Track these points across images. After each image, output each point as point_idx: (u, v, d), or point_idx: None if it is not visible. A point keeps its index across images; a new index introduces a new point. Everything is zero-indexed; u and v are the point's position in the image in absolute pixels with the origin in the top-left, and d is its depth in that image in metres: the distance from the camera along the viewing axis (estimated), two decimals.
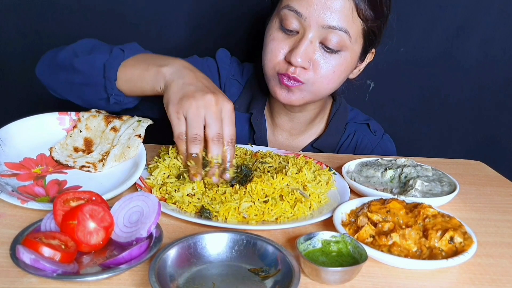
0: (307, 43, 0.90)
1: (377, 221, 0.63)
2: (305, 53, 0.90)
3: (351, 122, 1.17)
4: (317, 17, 0.88)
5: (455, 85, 1.47)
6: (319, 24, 0.89)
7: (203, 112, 0.74)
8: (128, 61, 0.88)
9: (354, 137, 1.15)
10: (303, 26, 0.91)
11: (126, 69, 0.87)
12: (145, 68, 0.85)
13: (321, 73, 0.93)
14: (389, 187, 0.80)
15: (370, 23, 0.92)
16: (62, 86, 0.95)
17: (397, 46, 1.41)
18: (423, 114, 1.52)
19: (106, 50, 0.90)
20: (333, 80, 0.96)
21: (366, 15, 0.91)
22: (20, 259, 0.50)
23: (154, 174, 0.77)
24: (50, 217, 0.57)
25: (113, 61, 0.88)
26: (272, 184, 0.70)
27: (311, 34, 0.90)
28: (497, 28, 1.39)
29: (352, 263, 0.56)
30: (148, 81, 0.84)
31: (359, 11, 0.89)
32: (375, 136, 1.16)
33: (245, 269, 0.54)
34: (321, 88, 0.97)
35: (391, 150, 1.18)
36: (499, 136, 1.55)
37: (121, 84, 0.88)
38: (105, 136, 0.85)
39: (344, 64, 0.94)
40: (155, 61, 0.85)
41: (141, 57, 0.89)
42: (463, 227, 0.62)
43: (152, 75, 0.83)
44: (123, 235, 0.57)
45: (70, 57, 0.91)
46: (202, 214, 0.67)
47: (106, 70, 0.88)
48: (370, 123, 1.17)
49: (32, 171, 0.77)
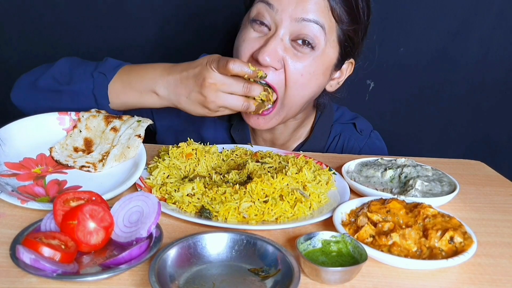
0: (277, 41, 0.85)
1: (377, 221, 0.63)
2: (274, 51, 0.85)
3: (336, 123, 1.13)
4: (290, 10, 0.84)
5: (455, 85, 1.47)
6: (292, 17, 0.85)
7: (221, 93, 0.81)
8: (115, 84, 0.91)
9: (340, 138, 1.11)
10: (275, 20, 0.86)
11: (116, 93, 0.91)
12: (139, 94, 0.89)
13: (290, 74, 0.88)
14: (389, 187, 0.80)
15: (345, 26, 0.89)
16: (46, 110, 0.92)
17: (397, 46, 1.41)
18: (423, 114, 1.52)
19: (87, 76, 0.92)
20: (303, 85, 0.90)
21: (341, 17, 0.87)
22: (20, 259, 0.50)
23: (154, 174, 0.77)
24: (50, 217, 0.57)
25: (100, 88, 0.90)
26: (272, 184, 0.70)
27: (283, 30, 0.86)
28: (497, 28, 1.39)
29: (352, 263, 0.56)
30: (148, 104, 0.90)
31: (333, 12, 0.86)
32: (361, 136, 1.11)
33: (245, 269, 0.54)
34: (292, 96, 0.91)
35: (380, 148, 1.13)
36: (499, 136, 1.55)
37: (115, 106, 0.92)
38: (105, 136, 0.85)
39: (314, 66, 0.89)
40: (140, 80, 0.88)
41: (123, 75, 0.91)
42: (463, 227, 0.62)
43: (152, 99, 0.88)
44: (123, 235, 0.57)
45: (52, 84, 0.93)
46: (202, 214, 0.67)
47: (96, 98, 0.91)
48: (356, 122, 1.12)
49: (32, 171, 0.77)
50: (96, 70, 0.91)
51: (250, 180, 0.72)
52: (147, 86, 0.87)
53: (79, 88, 0.91)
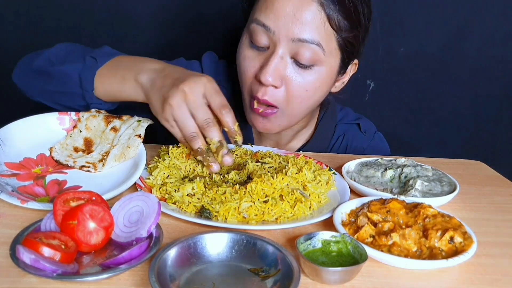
0: (277, 60, 0.85)
1: (377, 221, 0.63)
2: (275, 70, 0.85)
3: (340, 123, 1.13)
4: (286, 31, 0.83)
5: (455, 85, 1.47)
6: (288, 37, 0.84)
7: (184, 107, 0.72)
8: (103, 70, 0.87)
9: (344, 138, 1.11)
10: (273, 41, 0.85)
11: (102, 79, 0.87)
12: (122, 80, 0.84)
13: (293, 91, 0.88)
14: (389, 187, 0.80)
15: (345, 34, 0.87)
16: (38, 93, 0.94)
17: (397, 46, 1.41)
18: (423, 113, 1.52)
19: (79, 59, 0.89)
20: (307, 98, 0.90)
21: (340, 26, 0.85)
22: (20, 259, 0.50)
23: (154, 174, 0.77)
24: (50, 217, 0.57)
25: (87, 71, 0.87)
26: (272, 184, 0.70)
27: (281, 50, 0.85)
28: (497, 28, 1.39)
29: (352, 263, 0.56)
30: (127, 93, 0.84)
31: (331, 21, 0.84)
32: (365, 136, 1.12)
33: (245, 269, 0.54)
34: (296, 108, 0.91)
35: (383, 149, 1.13)
36: (499, 136, 1.55)
37: (99, 93, 0.88)
38: (105, 136, 0.85)
39: (319, 80, 0.89)
40: (128, 68, 0.84)
41: (114, 63, 0.88)
42: (463, 227, 0.62)
43: (130, 88, 0.83)
44: (123, 235, 0.57)
45: (45, 65, 0.91)
46: (202, 214, 0.67)
47: (82, 81, 0.87)
48: (360, 123, 1.13)
49: (32, 171, 0.77)
50: (89, 54, 0.89)
51: (250, 180, 0.72)
52: (132, 74, 0.82)
53: (67, 70, 0.88)
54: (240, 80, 0.95)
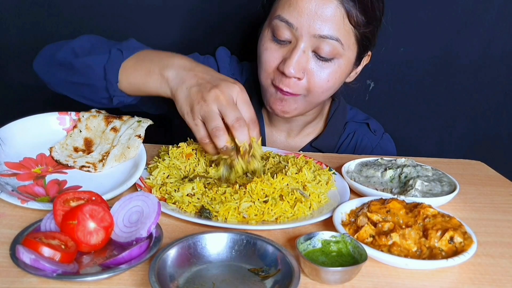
0: (300, 53, 0.90)
1: (377, 221, 0.63)
2: (298, 63, 0.90)
3: (351, 121, 1.17)
4: (308, 27, 0.88)
5: (455, 85, 1.47)
6: (310, 33, 0.89)
7: (214, 106, 0.73)
8: (128, 62, 0.87)
9: (354, 136, 1.15)
10: (295, 36, 0.90)
11: (127, 71, 0.86)
12: (147, 73, 0.84)
13: (315, 82, 0.93)
14: (389, 187, 0.80)
15: (362, 29, 0.92)
16: (61, 84, 0.94)
17: (397, 46, 1.41)
18: (423, 113, 1.52)
19: (104, 51, 0.89)
20: (327, 88, 0.96)
21: (358, 21, 0.90)
22: (20, 259, 0.50)
23: (154, 174, 0.77)
24: (50, 217, 0.57)
25: (112, 63, 0.87)
26: (272, 184, 0.70)
27: (303, 44, 0.90)
28: (497, 28, 1.39)
29: (352, 263, 0.56)
30: (152, 87, 0.84)
31: (350, 18, 0.89)
32: (375, 136, 1.16)
33: (245, 269, 0.54)
34: (316, 97, 0.97)
35: (391, 150, 1.18)
36: (499, 136, 1.55)
37: (123, 86, 0.88)
38: (105, 136, 0.85)
39: (338, 72, 0.94)
40: (155, 62, 0.84)
41: (140, 56, 0.88)
42: (463, 227, 0.62)
43: (156, 81, 0.82)
44: (123, 235, 0.57)
45: (69, 56, 0.90)
46: (202, 214, 0.67)
47: (106, 73, 0.87)
48: (369, 123, 1.17)
49: (32, 171, 0.77)
50: (114, 47, 0.89)
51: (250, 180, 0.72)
52: (158, 68, 0.82)
53: (92, 61, 0.88)
54: (260, 70, 0.98)
